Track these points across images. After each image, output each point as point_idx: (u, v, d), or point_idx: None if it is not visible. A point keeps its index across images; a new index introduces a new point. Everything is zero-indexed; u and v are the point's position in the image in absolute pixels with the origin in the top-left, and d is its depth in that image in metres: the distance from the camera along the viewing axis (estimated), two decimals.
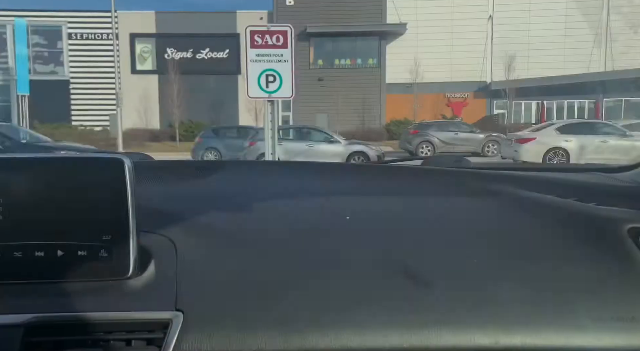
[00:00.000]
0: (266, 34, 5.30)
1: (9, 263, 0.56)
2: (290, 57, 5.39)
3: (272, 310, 0.56)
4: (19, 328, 0.53)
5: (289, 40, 5.44)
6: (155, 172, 0.99)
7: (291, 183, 0.93)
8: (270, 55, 5.32)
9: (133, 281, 0.58)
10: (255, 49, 5.33)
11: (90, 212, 0.57)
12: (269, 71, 5.29)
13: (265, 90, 5.36)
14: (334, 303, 0.57)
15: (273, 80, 5.32)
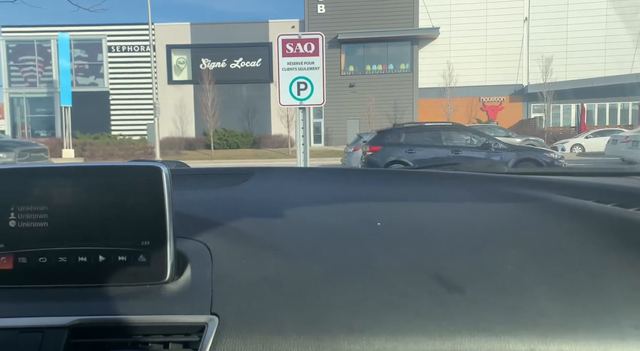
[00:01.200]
0: (297, 43, 5.35)
1: (54, 268, 0.59)
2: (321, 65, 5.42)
3: (305, 314, 0.56)
4: (63, 329, 0.55)
5: (320, 48, 5.47)
6: (191, 180, 1.01)
7: (323, 190, 0.94)
8: (302, 63, 5.36)
9: (170, 286, 0.60)
10: (287, 58, 5.39)
11: (130, 218, 0.59)
12: (300, 79, 5.33)
13: (297, 97, 5.41)
14: (367, 309, 0.56)
15: (304, 88, 5.36)
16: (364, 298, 0.58)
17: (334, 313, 0.56)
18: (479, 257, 0.65)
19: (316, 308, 0.56)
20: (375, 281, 0.60)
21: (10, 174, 0.60)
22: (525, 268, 0.62)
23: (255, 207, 0.80)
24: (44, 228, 0.59)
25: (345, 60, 27.23)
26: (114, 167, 0.61)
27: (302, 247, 0.67)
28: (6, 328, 0.55)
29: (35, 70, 27.97)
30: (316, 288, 0.59)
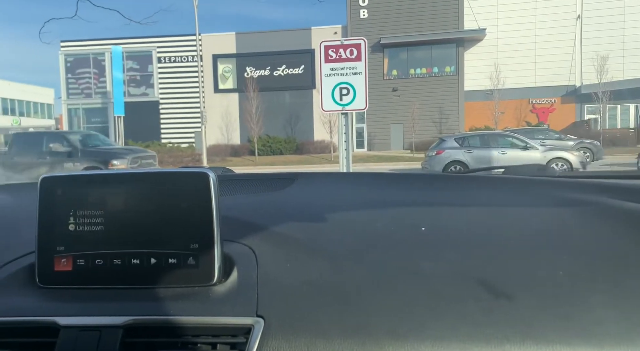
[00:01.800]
0: (340, 48, 5.36)
1: (110, 270, 0.62)
2: (364, 70, 5.40)
3: (350, 319, 0.56)
4: (119, 329, 0.57)
5: (362, 53, 5.45)
6: (237, 185, 1.03)
7: (367, 194, 0.93)
8: (344, 69, 5.36)
9: (217, 288, 0.61)
10: (330, 63, 5.40)
11: (179, 222, 0.61)
12: (342, 84, 5.33)
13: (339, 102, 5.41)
14: (411, 314, 0.56)
15: (347, 93, 5.35)
16: (408, 303, 0.57)
17: (378, 317, 0.56)
18: (528, 263, 0.63)
19: (360, 312, 0.56)
20: (419, 287, 0.59)
21: (69, 181, 0.63)
22: (579, 275, 0.60)
23: (299, 212, 0.81)
24: (100, 231, 0.62)
25: (388, 64, 27.04)
26: (164, 173, 0.63)
27: (346, 251, 0.67)
28: (68, 326, 0.58)
29: (90, 82, 29.50)
30: (360, 292, 0.59)
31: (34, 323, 0.59)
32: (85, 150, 11.78)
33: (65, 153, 11.62)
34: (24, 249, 0.69)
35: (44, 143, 11.91)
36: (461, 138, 12.78)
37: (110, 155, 11.73)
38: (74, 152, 11.66)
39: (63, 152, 11.61)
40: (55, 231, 0.63)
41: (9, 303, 0.61)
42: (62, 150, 11.58)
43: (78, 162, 11.45)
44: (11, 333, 0.59)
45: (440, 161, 12.35)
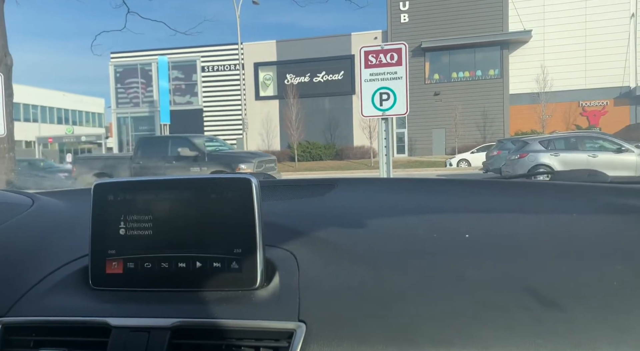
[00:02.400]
0: (380, 53, 5.29)
1: (157, 273, 0.64)
2: (404, 74, 5.30)
3: (392, 325, 0.55)
4: (166, 330, 0.59)
5: (403, 58, 5.36)
6: (278, 190, 1.04)
7: (408, 200, 0.91)
8: (384, 74, 5.28)
9: (260, 292, 0.62)
10: (370, 69, 5.34)
11: (223, 227, 0.63)
12: (383, 89, 5.25)
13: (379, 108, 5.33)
14: (455, 322, 0.55)
15: (387, 98, 5.27)
16: (452, 310, 0.56)
17: (421, 324, 0.55)
18: (580, 272, 0.60)
19: (403, 319, 0.56)
20: (464, 294, 0.58)
21: (120, 187, 0.66)
22: (635, 285, 0.57)
23: (340, 217, 0.81)
24: (149, 236, 0.64)
25: (429, 68, 26.67)
26: (208, 179, 0.64)
27: (388, 257, 0.66)
28: (119, 326, 0.60)
29: (138, 92, 30.70)
30: (403, 299, 0.58)
31: (87, 323, 0.62)
32: (212, 154, 11.36)
33: (192, 158, 11.23)
34: (79, 252, 0.72)
35: (169, 147, 11.64)
36: (546, 141, 12.03)
37: (236, 159, 11.29)
38: (200, 157, 11.24)
39: (190, 157, 11.24)
40: (107, 235, 0.66)
41: (64, 303, 0.64)
42: (189, 154, 11.21)
43: (205, 166, 11.00)
44: (66, 331, 0.62)
45: (523, 165, 11.60)
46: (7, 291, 0.67)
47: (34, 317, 0.64)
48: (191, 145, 11.42)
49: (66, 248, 0.75)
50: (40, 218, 0.87)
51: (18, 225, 0.83)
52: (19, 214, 0.86)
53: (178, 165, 11.20)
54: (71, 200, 1.00)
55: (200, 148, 11.44)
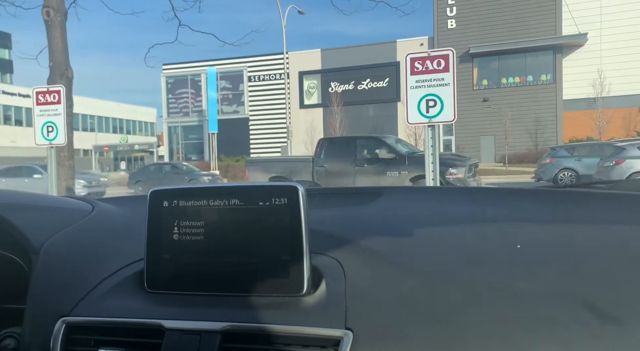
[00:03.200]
0: (427, 60, 5.19)
1: (208, 277, 0.66)
2: (451, 81, 5.17)
3: (440, 336, 0.55)
4: (217, 333, 0.61)
5: (450, 64, 5.23)
6: (324, 198, 1.04)
7: (455, 209, 0.89)
8: (431, 80, 5.17)
9: (307, 299, 0.62)
10: (416, 76, 5.25)
11: (271, 234, 0.64)
12: (429, 96, 5.14)
13: (426, 115, 5.22)
14: (508, 336, 0.53)
15: (434, 105, 5.15)
16: (503, 323, 0.55)
17: (470, 336, 0.54)
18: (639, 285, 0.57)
19: (452, 330, 0.55)
20: (516, 306, 0.56)
21: (174, 194, 0.68)
22: None
23: (386, 226, 0.80)
24: (200, 241, 0.66)
25: (477, 74, 26.03)
26: (256, 186, 0.66)
27: (436, 267, 0.64)
28: (172, 329, 0.62)
29: (188, 101, 31.76)
30: (451, 309, 0.57)
31: (142, 325, 0.64)
32: (413, 157, 9.44)
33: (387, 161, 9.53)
34: (135, 256, 0.74)
35: (357, 148, 10.18)
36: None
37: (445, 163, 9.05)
38: (398, 160, 9.46)
39: (385, 160, 9.56)
40: (162, 240, 0.68)
41: (121, 305, 0.67)
42: (387, 156, 9.54)
43: (405, 170, 9.26)
44: (123, 332, 0.65)
45: (620, 172, 10.86)
46: (70, 292, 0.71)
47: (94, 318, 0.67)
48: (388, 147, 9.76)
49: (123, 252, 0.78)
50: (100, 223, 0.90)
51: (80, 229, 0.86)
52: (81, 219, 0.89)
53: (371, 169, 9.65)
54: (127, 206, 1.04)
55: (399, 151, 9.81)
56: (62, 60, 6.89)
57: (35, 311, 0.71)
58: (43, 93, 5.33)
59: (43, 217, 0.87)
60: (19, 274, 0.82)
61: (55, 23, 6.87)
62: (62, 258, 0.78)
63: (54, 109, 5.31)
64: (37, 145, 5.43)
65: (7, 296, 0.83)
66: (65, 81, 6.70)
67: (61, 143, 5.44)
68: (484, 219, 0.81)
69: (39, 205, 0.92)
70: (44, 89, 5.36)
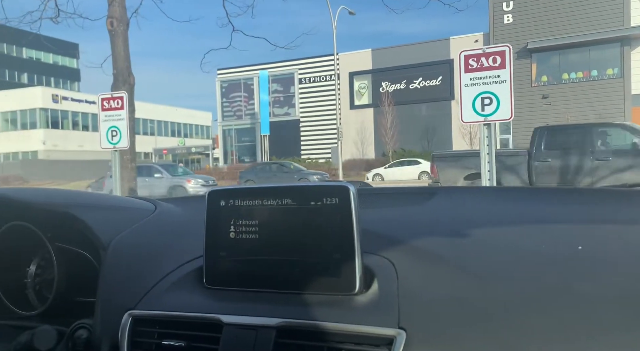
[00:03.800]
0: (482, 57, 5.02)
1: (263, 274, 0.68)
2: (508, 78, 4.97)
3: (496, 337, 0.54)
4: (272, 329, 0.63)
5: (506, 60, 5.03)
6: (375, 198, 1.04)
7: (511, 209, 0.87)
8: (486, 78, 5.01)
9: (359, 298, 0.63)
10: (470, 73, 5.09)
11: (322, 233, 0.65)
12: (484, 94, 4.98)
13: (481, 113, 5.05)
14: (566, 338, 0.52)
15: (489, 103, 4.98)
16: (562, 326, 0.53)
17: (528, 339, 0.53)
18: None
19: (508, 332, 0.54)
20: (576, 310, 0.55)
21: (230, 194, 0.71)
22: None
23: (439, 226, 0.79)
24: (255, 239, 0.68)
25: (536, 70, 24.91)
26: (308, 186, 0.67)
27: (492, 268, 0.63)
28: (230, 323, 0.65)
29: (241, 105, 32.56)
30: (508, 311, 0.56)
31: (202, 319, 0.67)
32: None
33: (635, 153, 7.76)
34: (194, 253, 0.78)
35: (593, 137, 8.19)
36: None
37: None
38: None
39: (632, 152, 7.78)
40: (219, 238, 0.71)
41: (182, 300, 0.70)
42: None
43: None
44: (183, 326, 0.68)
45: None
46: (135, 287, 0.75)
47: (157, 311, 0.70)
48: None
49: (183, 249, 0.81)
50: (162, 222, 0.95)
51: (144, 228, 0.91)
52: (145, 218, 0.94)
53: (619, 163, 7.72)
54: (187, 206, 1.09)
55: None
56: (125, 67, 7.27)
57: (104, 304, 0.75)
58: (107, 99, 5.64)
59: (111, 215, 0.92)
60: (90, 269, 0.87)
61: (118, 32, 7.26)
62: (128, 254, 0.82)
63: (117, 114, 5.61)
64: (103, 149, 5.75)
65: (79, 289, 0.88)
66: (128, 87, 7.06)
67: (124, 147, 5.73)
68: (543, 219, 0.79)
69: (107, 205, 0.97)
70: (108, 96, 5.67)
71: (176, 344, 0.67)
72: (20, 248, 0.93)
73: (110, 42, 7.36)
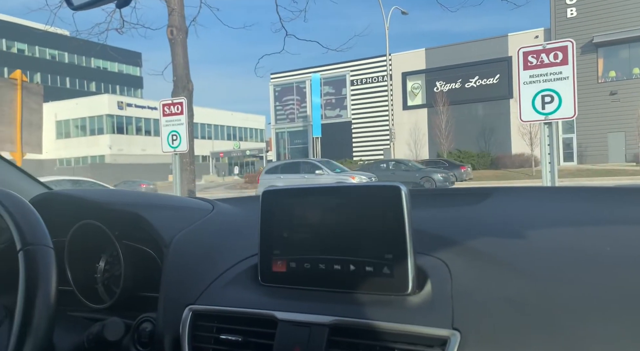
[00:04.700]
0: (542, 53, 4.81)
1: (315, 273, 0.69)
2: (571, 74, 4.73)
3: (558, 342, 0.52)
4: (325, 327, 0.63)
5: (569, 56, 4.80)
6: (428, 199, 1.03)
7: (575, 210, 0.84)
8: (547, 75, 4.79)
9: (412, 298, 0.63)
10: (529, 70, 4.89)
11: (374, 233, 0.65)
12: (545, 91, 4.76)
13: (541, 112, 4.83)
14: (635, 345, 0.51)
15: (550, 101, 4.76)
16: (630, 332, 0.51)
17: (591, 344, 0.51)
18: None
19: (569, 336, 0.52)
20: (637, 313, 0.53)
21: (284, 194, 0.73)
22: None
23: (495, 227, 0.78)
24: (307, 238, 0.70)
25: (603, 65, 23.47)
26: (360, 186, 0.68)
27: (550, 270, 0.62)
28: (284, 320, 0.66)
29: (294, 108, 32.97)
30: (569, 314, 0.54)
31: (257, 315, 0.69)
32: None
33: None
34: (249, 251, 0.80)
35: None
36: None
37: None
38: None
39: None
40: (273, 237, 0.73)
41: (238, 296, 0.73)
42: None
43: None
44: (240, 321, 0.70)
45: None
46: (195, 283, 0.78)
47: (215, 307, 0.73)
48: None
49: (238, 247, 0.84)
50: (219, 221, 0.99)
51: (202, 227, 0.95)
52: (203, 217, 0.99)
53: None
54: (242, 205, 1.12)
55: None
56: (184, 74, 7.58)
57: (166, 299, 0.79)
58: (168, 105, 5.90)
59: (172, 215, 0.96)
60: (153, 266, 0.92)
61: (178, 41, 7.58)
62: (187, 252, 0.86)
63: (177, 119, 5.85)
64: (164, 153, 6.03)
65: (143, 285, 0.93)
66: (187, 93, 7.35)
67: (184, 151, 5.97)
68: (607, 220, 0.76)
69: (168, 205, 1.02)
70: (168, 102, 5.93)
71: (233, 339, 0.69)
72: (91, 246, 1.00)
73: (170, 50, 7.70)
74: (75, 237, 0.98)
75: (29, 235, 0.65)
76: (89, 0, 0.58)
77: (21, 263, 0.63)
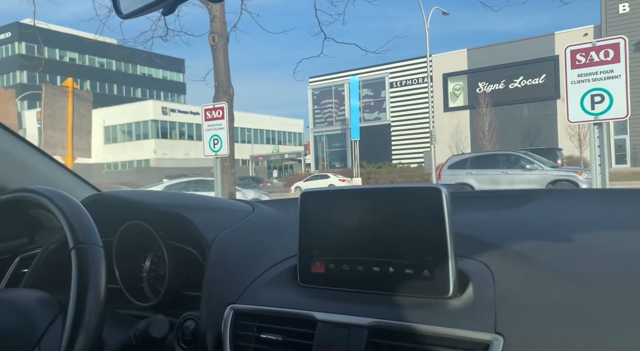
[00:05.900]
0: (591, 51, 4.62)
1: (354, 275, 0.69)
2: (623, 72, 4.51)
3: (606, 347, 0.51)
4: (364, 328, 0.63)
5: (621, 54, 4.58)
6: (470, 201, 1.02)
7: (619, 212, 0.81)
8: (597, 73, 4.59)
9: (453, 301, 0.62)
10: (578, 69, 4.70)
11: (414, 235, 0.65)
12: (595, 91, 4.56)
13: (590, 112, 4.63)
14: None
15: (600, 101, 4.56)
16: None
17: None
18: None
19: (622, 343, 0.51)
20: None
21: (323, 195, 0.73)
22: None
23: (538, 230, 0.76)
24: (347, 240, 0.70)
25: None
26: (400, 188, 0.67)
27: (597, 274, 0.60)
28: (323, 321, 0.66)
29: (332, 111, 33.04)
30: (620, 321, 0.53)
31: (297, 316, 0.69)
32: None
33: None
34: (288, 252, 0.81)
35: None
36: None
37: None
38: None
39: None
40: (312, 238, 0.73)
41: (278, 296, 0.74)
42: None
43: None
44: (280, 321, 0.71)
45: None
46: (236, 283, 0.80)
47: (256, 306, 0.74)
48: None
49: (278, 248, 0.85)
50: (259, 223, 1.00)
51: (243, 228, 0.96)
52: (243, 219, 1.00)
53: None
54: (282, 207, 1.14)
55: None
56: (225, 80, 7.74)
57: (209, 298, 0.81)
58: (210, 110, 6.04)
59: (214, 216, 0.98)
60: (196, 266, 0.94)
61: (219, 47, 7.76)
62: (229, 252, 0.87)
63: (218, 124, 5.98)
64: (206, 156, 6.17)
65: (187, 284, 0.96)
66: (228, 98, 7.51)
67: (224, 154, 6.09)
68: None
69: (210, 206, 1.05)
70: (210, 106, 6.07)
71: (273, 338, 0.70)
72: (137, 246, 1.03)
73: (212, 56, 7.89)
74: (122, 237, 1.01)
75: (80, 235, 0.67)
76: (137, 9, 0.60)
77: (73, 261, 0.65)
